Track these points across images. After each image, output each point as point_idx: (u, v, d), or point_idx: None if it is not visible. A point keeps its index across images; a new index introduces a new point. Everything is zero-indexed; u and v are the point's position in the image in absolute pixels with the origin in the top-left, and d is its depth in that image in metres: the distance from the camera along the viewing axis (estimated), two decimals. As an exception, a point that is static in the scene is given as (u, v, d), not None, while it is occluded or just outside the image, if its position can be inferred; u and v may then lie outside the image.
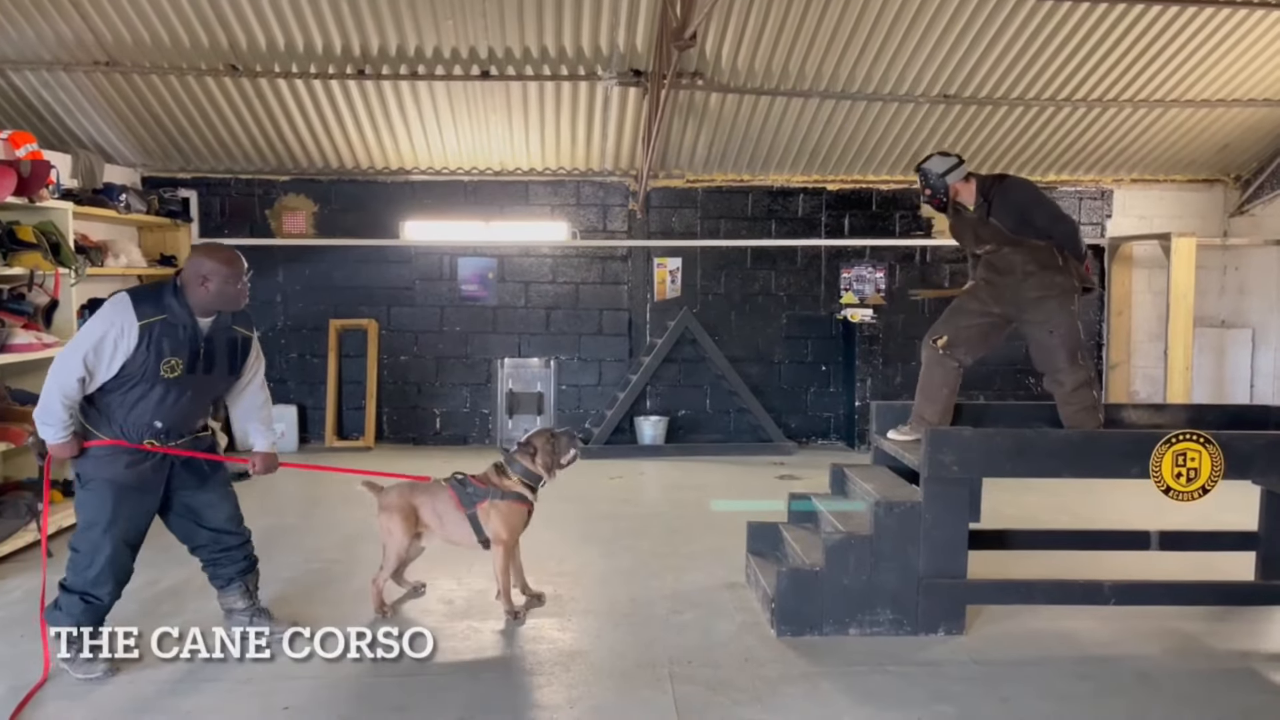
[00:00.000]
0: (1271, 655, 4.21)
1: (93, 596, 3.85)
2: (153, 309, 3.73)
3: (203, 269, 3.78)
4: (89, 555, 3.81)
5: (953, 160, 5.07)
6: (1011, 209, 4.89)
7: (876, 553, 4.35)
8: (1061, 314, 4.87)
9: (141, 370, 3.71)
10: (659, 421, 9.11)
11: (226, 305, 3.87)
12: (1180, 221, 9.29)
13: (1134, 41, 7.48)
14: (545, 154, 8.86)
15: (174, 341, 3.75)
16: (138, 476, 3.84)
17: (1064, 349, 4.87)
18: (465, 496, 4.49)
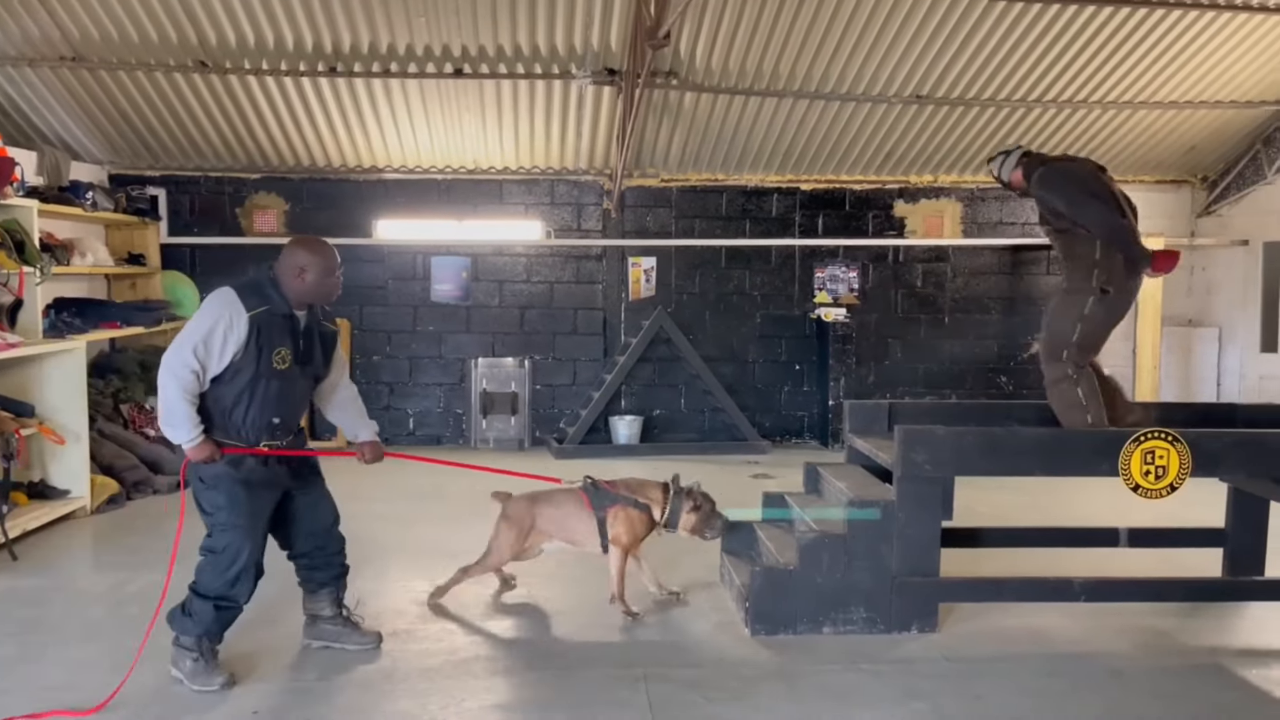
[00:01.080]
0: (1241, 651, 4.27)
1: (229, 600, 3.74)
2: (258, 300, 3.68)
3: (299, 260, 3.75)
4: (230, 556, 3.70)
5: (1000, 158, 5.05)
6: (1038, 197, 4.89)
7: (850, 551, 4.36)
8: (1059, 313, 4.85)
9: (254, 363, 3.65)
10: (634, 421, 9.11)
11: (321, 298, 3.85)
12: (1148, 222, 9.28)
13: (1102, 44, 7.57)
14: (519, 153, 8.83)
15: (280, 333, 3.72)
16: (264, 472, 3.78)
17: (1048, 344, 4.88)
18: (597, 499, 4.56)
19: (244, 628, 4.02)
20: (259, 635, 4.20)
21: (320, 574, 4.09)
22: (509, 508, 4.70)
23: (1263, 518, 5.05)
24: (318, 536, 4.04)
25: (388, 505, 6.62)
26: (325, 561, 4.08)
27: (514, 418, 9.23)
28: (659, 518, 4.59)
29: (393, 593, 4.93)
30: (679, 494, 4.62)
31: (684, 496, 4.61)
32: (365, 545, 5.16)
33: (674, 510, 4.59)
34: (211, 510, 3.74)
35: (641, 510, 4.56)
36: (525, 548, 4.70)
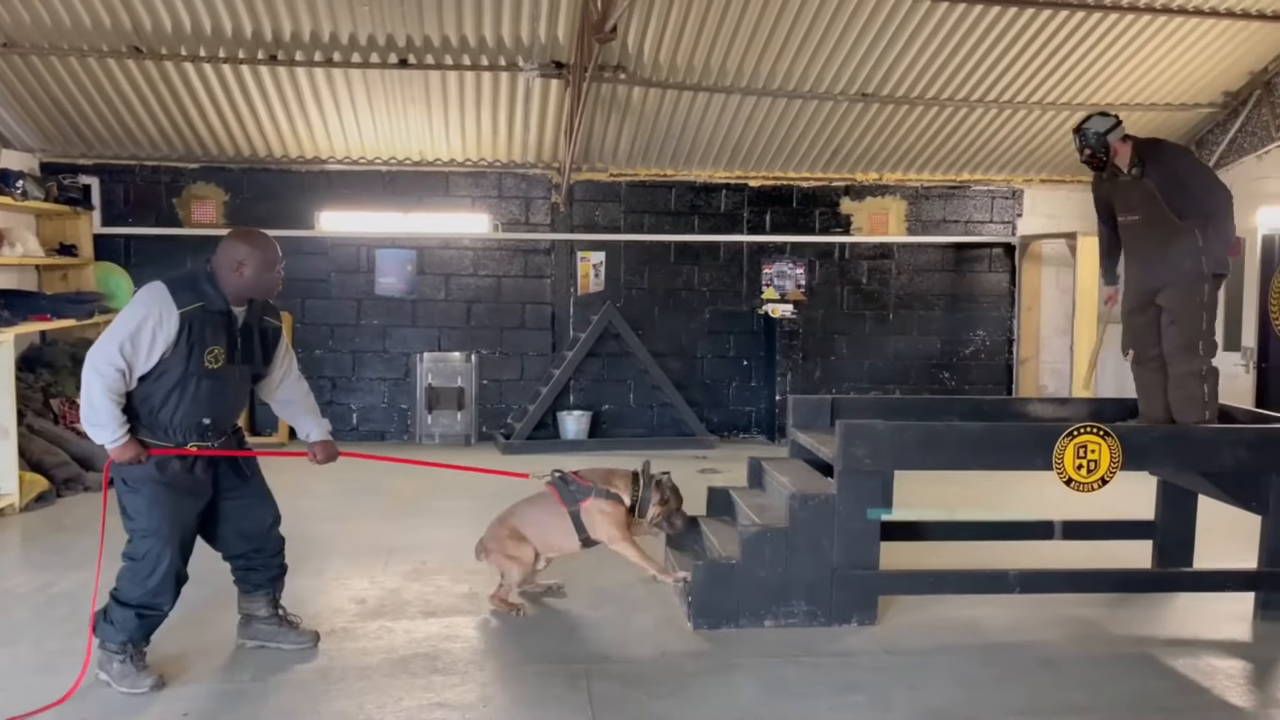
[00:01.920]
0: (1167, 640, 4.37)
1: (151, 608, 3.64)
2: (191, 296, 3.54)
3: (237, 254, 3.62)
4: (150, 564, 3.58)
5: (1113, 120, 4.91)
6: (1167, 171, 4.79)
7: (791, 545, 4.39)
8: (1185, 303, 4.79)
9: (184, 362, 3.53)
10: (582, 416, 9.08)
11: (261, 292, 3.72)
12: (1086, 221, 9.48)
13: (1042, 46, 7.70)
14: (466, 145, 8.75)
15: (214, 330, 3.58)
16: (190, 479, 3.66)
17: (1180, 338, 4.83)
18: (567, 494, 4.50)
19: (174, 628, 3.93)
20: (190, 636, 4.11)
21: (257, 575, 4.00)
22: (487, 542, 4.63)
23: (1190, 510, 5.19)
24: (255, 538, 3.93)
25: (327, 502, 6.53)
26: (263, 563, 3.99)
27: (460, 413, 9.15)
28: (628, 504, 4.55)
29: (331, 591, 4.86)
30: (649, 484, 4.58)
31: (654, 488, 4.58)
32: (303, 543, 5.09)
33: (644, 500, 4.55)
34: (133, 515, 3.62)
35: (613, 500, 4.52)
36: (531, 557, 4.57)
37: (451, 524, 6.03)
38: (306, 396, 4.09)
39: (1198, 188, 4.75)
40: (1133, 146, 4.86)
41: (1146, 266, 4.89)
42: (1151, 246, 4.85)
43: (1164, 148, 4.97)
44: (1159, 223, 4.76)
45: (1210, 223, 4.71)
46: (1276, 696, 3.86)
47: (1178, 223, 4.70)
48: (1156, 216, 4.77)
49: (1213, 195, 4.77)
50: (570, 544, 4.58)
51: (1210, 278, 4.72)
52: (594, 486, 4.53)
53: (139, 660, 3.67)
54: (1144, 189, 4.79)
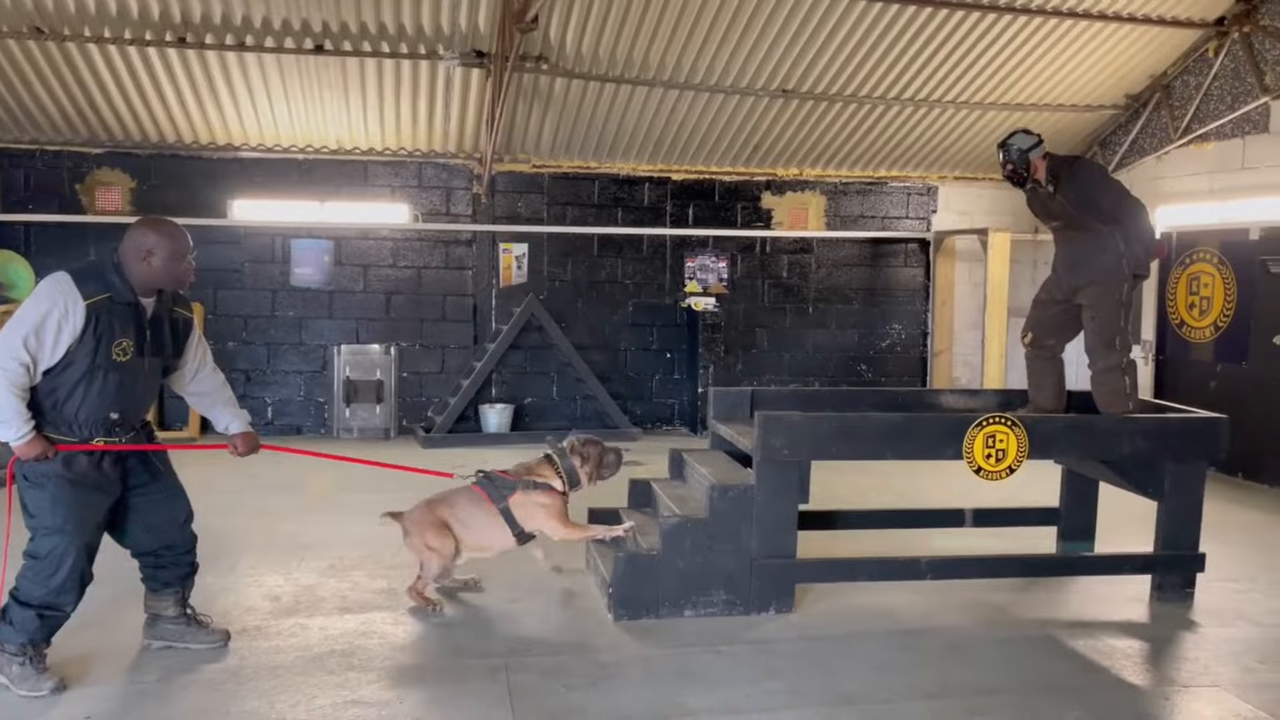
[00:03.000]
0: (1070, 622, 4.54)
1: (54, 609, 3.52)
2: (97, 287, 3.42)
3: (146, 242, 3.50)
4: (53, 563, 3.46)
5: (1035, 138, 5.06)
6: (1078, 189, 4.95)
7: (711, 535, 4.43)
8: (1105, 301, 4.94)
9: (91, 354, 3.40)
10: (504, 409, 9.02)
11: (171, 283, 3.59)
12: (997, 217, 9.89)
13: (955, 46, 7.90)
14: (385, 134, 8.60)
15: (121, 322, 3.46)
16: (96, 474, 3.53)
17: (1100, 334, 4.97)
18: (495, 491, 4.45)
19: (76, 629, 3.80)
20: (94, 637, 3.97)
21: (166, 573, 3.88)
22: (407, 522, 4.51)
23: (1092, 497, 5.40)
24: (166, 535, 3.82)
25: (239, 498, 6.37)
26: (173, 560, 3.87)
27: (379, 406, 9.00)
28: (561, 488, 4.53)
29: (243, 588, 4.74)
30: (563, 455, 4.58)
31: (569, 455, 4.58)
32: (215, 539, 4.95)
33: (570, 473, 4.56)
34: (35, 512, 3.49)
35: (545, 489, 4.49)
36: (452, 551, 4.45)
37: (369, 519, 5.91)
38: (223, 388, 3.98)
39: (1109, 204, 4.95)
40: (1048, 163, 5.05)
41: (1071, 266, 5.07)
42: (1076, 249, 5.03)
43: (1076, 166, 5.14)
44: (1081, 228, 4.96)
45: (1128, 227, 4.91)
46: (1170, 675, 4.03)
47: (1100, 228, 4.89)
48: (1075, 225, 4.97)
49: (1124, 208, 4.96)
50: (504, 541, 4.51)
51: (1129, 278, 4.92)
52: (520, 480, 4.49)
53: (39, 662, 3.53)
54: (1060, 204, 5.00)
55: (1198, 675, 3.94)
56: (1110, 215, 4.90)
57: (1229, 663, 4.05)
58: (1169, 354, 8.42)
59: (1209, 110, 8.08)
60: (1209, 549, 4.78)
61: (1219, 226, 7.85)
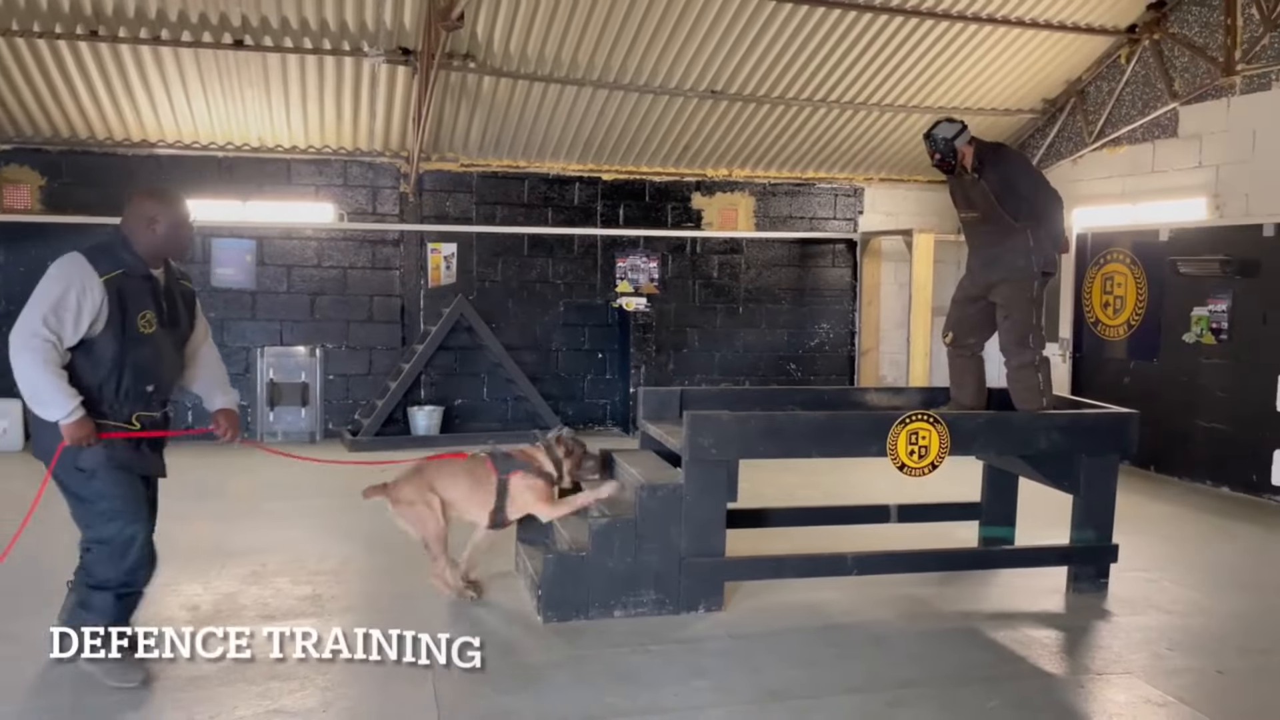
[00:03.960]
0: (990, 614, 4.65)
1: (129, 586, 3.57)
2: (110, 263, 3.44)
3: (148, 211, 3.54)
4: (123, 545, 3.51)
5: (959, 125, 5.10)
6: (1001, 174, 4.99)
7: (640, 535, 4.44)
8: (1017, 299, 5.02)
9: (119, 330, 3.43)
10: (434, 411, 8.91)
11: (175, 250, 3.65)
12: (921, 218, 10.10)
13: (880, 49, 8.04)
14: (309, 131, 8.43)
15: (140, 295, 3.50)
16: (138, 456, 3.59)
17: (1014, 332, 5.05)
18: (501, 463, 4.50)
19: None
20: (4, 651, 3.81)
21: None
22: (395, 493, 4.49)
23: (1012, 491, 5.53)
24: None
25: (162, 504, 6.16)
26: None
27: (304, 409, 8.82)
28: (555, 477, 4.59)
29: (162, 598, 4.58)
30: (550, 446, 4.63)
31: (557, 445, 4.63)
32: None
33: (556, 464, 4.60)
34: (93, 499, 3.51)
35: (543, 477, 4.54)
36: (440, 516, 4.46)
37: (292, 525, 5.82)
38: (218, 364, 4.00)
39: (1027, 191, 5.03)
40: (974, 149, 5.11)
41: (983, 263, 5.16)
42: (988, 243, 5.11)
43: (1001, 152, 5.25)
44: (995, 221, 5.02)
45: (1040, 224, 5.00)
46: (1085, 663, 4.16)
47: (1012, 223, 4.97)
48: (993, 215, 5.02)
49: (1041, 198, 5.06)
50: (482, 515, 4.52)
51: (1039, 275, 5.02)
52: (527, 463, 4.54)
53: (126, 653, 3.56)
54: (981, 189, 5.05)
55: (1111, 663, 4.07)
56: (1027, 205, 4.96)
57: (1140, 650, 4.19)
58: (1085, 351, 8.68)
59: (1121, 115, 8.36)
60: (1122, 540, 4.93)
61: (1131, 228, 8.12)
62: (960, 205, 5.27)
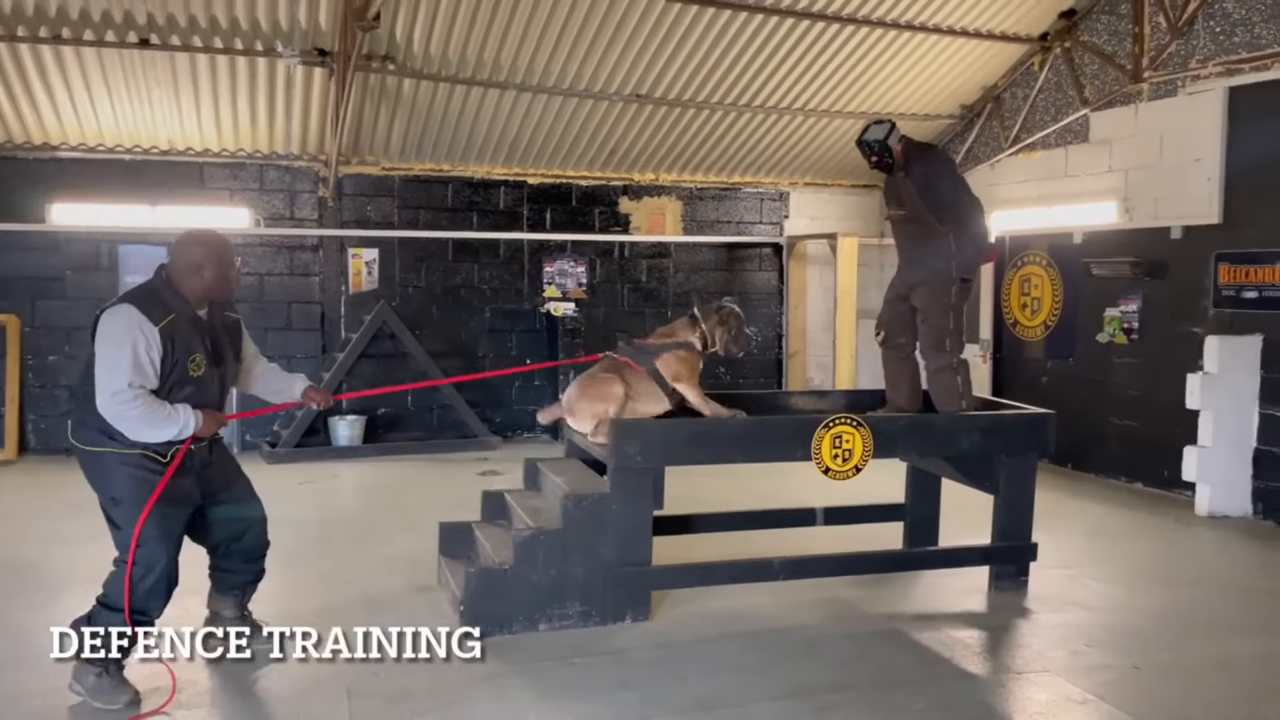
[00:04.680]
0: (914, 615, 4.68)
1: (143, 615, 3.56)
2: (161, 311, 3.51)
3: (195, 257, 3.60)
4: (144, 567, 3.53)
5: (888, 125, 5.08)
6: (924, 174, 5.00)
7: (566, 546, 4.36)
8: (934, 304, 5.03)
9: (171, 375, 3.52)
10: (356, 421, 8.70)
11: (222, 293, 3.73)
12: (845, 222, 10.21)
13: (802, 55, 8.10)
14: (221, 133, 8.16)
15: (190, 338, 3.58)
16: (178, 491, 3.61)
17: (930, 336, 5.06)
18: (641, 357, 4.66)
19: None
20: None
21: (237, 576, 3.99)
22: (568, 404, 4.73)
23: (935, 493, 5.58)
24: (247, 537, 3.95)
25: (63, 525, 5.88)
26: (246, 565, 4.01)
27: (221, 421, 8.52)
28: (699, 348, 4.75)
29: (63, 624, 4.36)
30: (708, 316, 4.81)
31: (713, 314, 4.82)
32: (33, 571, 4.60)
33: (711, 333, 4.79)
34: (124, 525, 3.55)
35: (686, 350, 4.68)
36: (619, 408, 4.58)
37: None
38: (273, 366, 4.15)
39: (947, 194, 5.05)
40: (904, 146, 5.13)
41: (907, 262, 5.18)
42: (912, 244, 5.13)
43: (927, 152, 5.28)
44: (920, 221, 5.03)
45: (963, 229, 5.03)
46: (1006, 662, 4.20)
47: (936, 226, 4.99)
48: (918, 214, 5.03)
49: (961, 204, 5.08)
50: (659, 406, 4.66)
51: (958, 281, 5.05)
52: (664, 343, 4.71)
53: (117, 674, 3.56)
54: (908, 188, 5.06)
55: (1032, 661, 4.12)
56: (949, 207, 4.99)
57: (1060, 648, 4.26)
58: (1005, 352, 8.86)
59: (1035, 121, 8.55)
60: (1041, 538, 5.01)
61: (1047, 231, 8.31)
62: (891, 203, 5.27)
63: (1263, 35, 6.50)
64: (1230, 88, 6.71)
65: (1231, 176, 6.72)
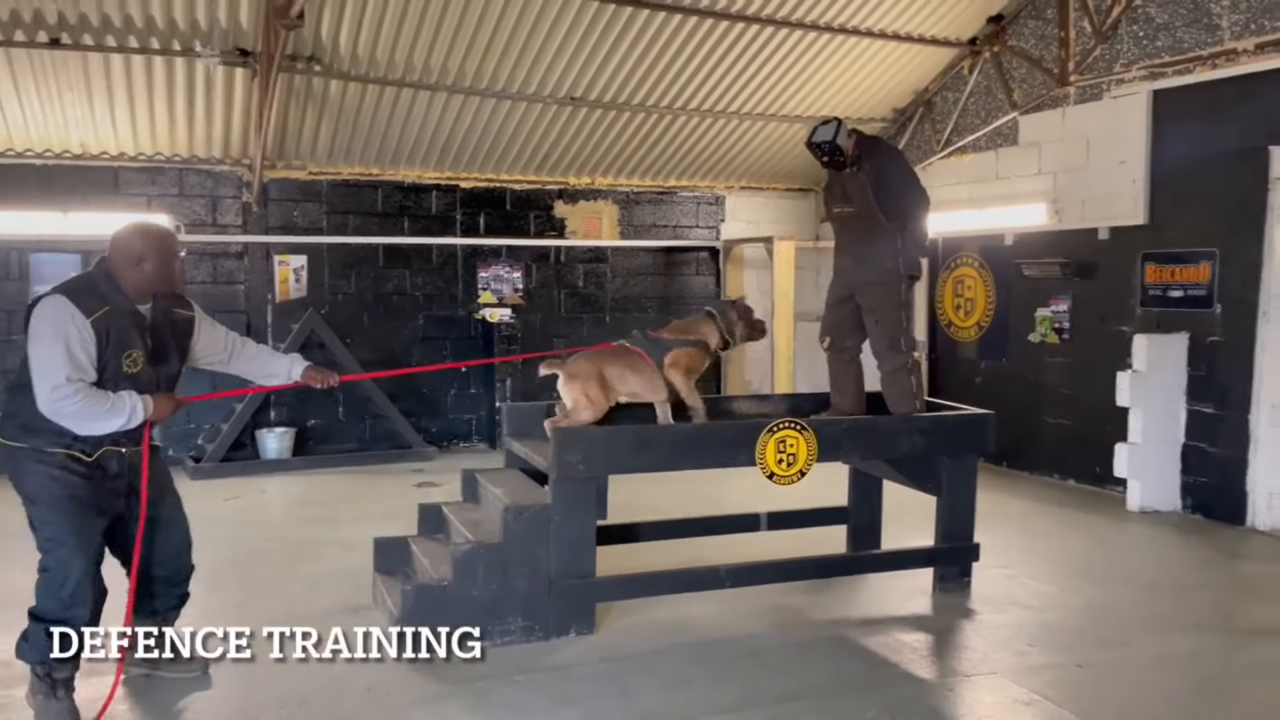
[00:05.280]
0: (860, 620, 4.65)
1: (65, 624, 3.36)
2: (95, 302, 3.34)
3: (136, 249, 3.45)
4: (60, 574, 3.36)
5: (835, 123, 5.00)
6: (879, 167, 4.92)
7: (506, 559, 4.24)
8: (886, 303, 4.97)
9: (104, 372, 3.35)
10: (285, 433, 8.43)
11: (165, 286, 3.55)
12: (781, 226, 10.22)
13: (737, 58, 8.08)
14: (138, 137, 7.83)
15: (126, 333, 3.41)
16: (93, 490, 3.43)
17: (885, 335, 4.99)
18: (653, 350, 4.65)
19: None
20: None
21: (154, 601, 3.79)
22: (571, 367, 4.60)
23: (877, 495, 5.58)
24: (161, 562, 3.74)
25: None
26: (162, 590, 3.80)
27: (141, 436, 8.18)
28: (714, 345, 4.80)
29: None
30: (725, 313, 4.86)
31: (730, 309, 4.88)
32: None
33: (729, 327, 4.83)
34: (40, 525, 3.40)
35: (697, 348, 4.69)
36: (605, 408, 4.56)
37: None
38: (260, 347, 4.05)
39: (901, 188, 5.00)
40: (855, 141, 5.08)
41: (853, 261, 5.11)
42: (858, 242, 5.07)
43: (880, 146, 5.24)
44: (867, 218, 4.98)
45: (908, 225, 4.99)
46: (953, 665, 4.19)
47: (884, 223, 4.94)
48: (866, 212, 4.98)
49: (912, 198, 5.03)
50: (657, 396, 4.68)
51: (905, 279, 5.03)
52: (677, 340, 4.71)
53: (60, 690, 3.42)
54: (859, 183, 5.00)
55: (978, 664, 4.12)
56: (897, 203, 4.94)
57: (1005, 649, 4.26)
58: (940, 353, 8.95)
59: (966, 124, 8.66)
60: (981, 537, 5.03)
61: (978, 232, 8.42)
62: (836, 200, 5.21)
63: (1185, 39, 6.66)
64: (1154, 91, 6.85)
65: (1156, 178, 6.86)
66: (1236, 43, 6.30)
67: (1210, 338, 6.51)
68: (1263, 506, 6.23)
